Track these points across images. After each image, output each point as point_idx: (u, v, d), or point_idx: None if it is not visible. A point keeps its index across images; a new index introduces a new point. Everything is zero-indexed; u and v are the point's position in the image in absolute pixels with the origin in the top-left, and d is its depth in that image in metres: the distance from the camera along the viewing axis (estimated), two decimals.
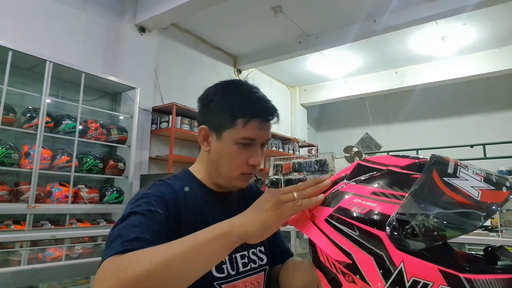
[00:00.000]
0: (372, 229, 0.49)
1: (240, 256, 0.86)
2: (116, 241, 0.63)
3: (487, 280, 0.45)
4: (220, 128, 0.81)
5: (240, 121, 0.79)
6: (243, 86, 0.85)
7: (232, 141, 0.80)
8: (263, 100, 0.84)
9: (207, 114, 0.84)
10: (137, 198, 0.75)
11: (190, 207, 0.80)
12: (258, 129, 0.80)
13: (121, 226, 0.67)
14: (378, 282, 0.48)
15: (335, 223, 0.52)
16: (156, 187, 0.79)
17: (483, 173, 0.52)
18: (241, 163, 0.81)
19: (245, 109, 0.79)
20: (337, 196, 0.55)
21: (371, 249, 0.48)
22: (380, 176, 0.55)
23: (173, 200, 0.77)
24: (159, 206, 0.73)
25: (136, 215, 0.69)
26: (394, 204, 0.49)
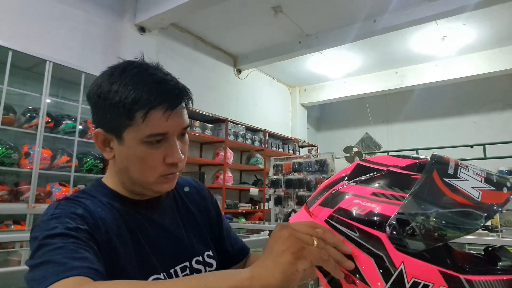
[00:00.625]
0: (372, 230, 0.49)
1: (181, 268, 0.72)
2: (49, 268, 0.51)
3: (488, 281, 0.45)
4: (117, 128, 0.65)
5: (139, 115, 0.63)
6: (133, 70, 0.66)
7: (137, 142, 0.64)
8: (164, 82, 0.66)
9: (99, 114, 0.68)
10: (44, 222, 0.59)
11: (112, 225, 0.65)
12: (165, 119, 0.64)
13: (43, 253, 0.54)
14: (378, 282, 0.47)
15: (335, 223, 0.52)
16: (63, 206, 0.63)
17: (484, 173, 0.52)
18: (155, 165, 0.66)
19: (140, 99, 0.62)
20: (337, 196, 0.55)
21: (371, 250, 0.48)
22: (380, 177, 0.54)
23: (88, 217, 0.62)
24: (77, 222, 0.59)
25: (55, 238, 0.55)
26: (394, 205, 0.49)
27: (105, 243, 0.62)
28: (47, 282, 0.49)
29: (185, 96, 0.69)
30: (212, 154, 4.95)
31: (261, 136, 5.56)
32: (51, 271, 0.50)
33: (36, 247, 0.56)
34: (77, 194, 0.69)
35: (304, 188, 4.24)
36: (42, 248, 0.55)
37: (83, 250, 0.55)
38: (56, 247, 0.54)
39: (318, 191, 0.61)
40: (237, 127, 5.11)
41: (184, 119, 0.69)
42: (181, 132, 0.69)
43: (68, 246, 0.54)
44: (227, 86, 5.49)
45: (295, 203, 4.27)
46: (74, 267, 0.51)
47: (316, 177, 4.20)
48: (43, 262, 0.52)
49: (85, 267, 0.52)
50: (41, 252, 0.54)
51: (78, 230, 0.58)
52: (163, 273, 0.69)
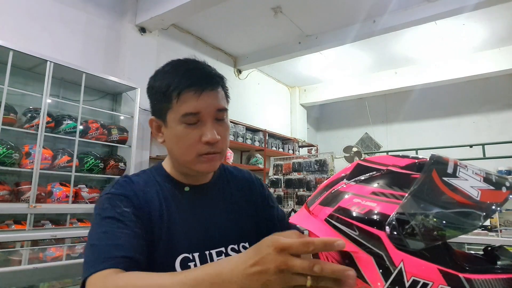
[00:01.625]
0: (372, 228, 0.49)
1: (216, 252, 0.77)
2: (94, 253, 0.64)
3: (487, 280, 0.45)
4: (162, 113, 0.75)
5: (174, 96, 0.72)
6: (173, 63, 0.79)
7: (176, 122, 0.73)
8: (197, 69, 0.75)
9: (151, 103, 0.79)
10: (101, 201, 0.73)
11: (155, 203, 0.75)
12: (196, 99, 0.71)
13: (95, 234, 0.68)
14: (378, 281, 0.47)
15: (335, 223, 0.52)
16: (118, 185, 0.75)
17: (483, 173, 0.52)
18: (193, 143, 0.73)
19: (174, 81, 0.72)
20: (337, 196, 0.55)
21: (371, 249, 0.48)
22: (379, 176, 0.55)
23: (135, 198, 0.73)
24: (124, 204, 0.71)
25: (106, 220, 0.68)
26: (393, 204, 0.49)
27: (146, 221, 0.72)
28: (88, 272, 0.60)
29: (217, 81, 0.75)
30: None
31: (261, 136, 5.57)
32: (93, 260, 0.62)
33: (94, 220, 0.71)
34: (137, 173, 0.82)
35: (304, 188, 4.25)
36: (94, 228, 0.69)
37: (124, 235, 0.66)
38: (103, 231, 0.67)
39: (318, 190, 0.62)
40: (237, 127, 5.12)
41: (217, 101, 0.74)
42: (216, 116, 0.75)
43: (113, 231, 0.66)
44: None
45: (295, 203, 4.28)
46: (110, 257, 0.61)
47: (315, 177, 4.21)
48: (92, 245, 0.65)
49: (119, 257, 0.62)
50: (93, 231, 0.68)
51: (124, 213, 0.69)
52: (193, 254, 0.75)
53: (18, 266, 1.48)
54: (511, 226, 3.32)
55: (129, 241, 0.65)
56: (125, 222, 0.68)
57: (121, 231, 0.66)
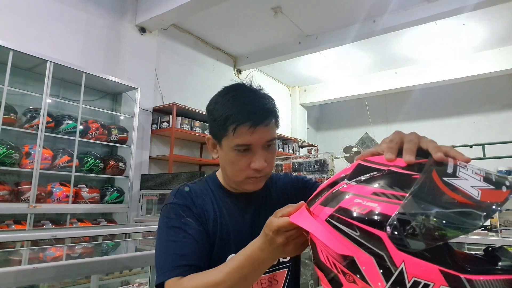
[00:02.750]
0: (373, 229, 0.48)
1: None
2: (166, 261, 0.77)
3: (488, 281, 0.45)
4: (218, 136, 0.84)
5: (230, 128, 0.79)
6: (234, 91, 0.84)
7: (230, 148, 0.81)
8: (253, 104, 0.81)
9: (210, 123, 0.87)
10: (167, 209, 0.84)
11: (209, 210, 0.86)
12: (249, 134, 0.79)
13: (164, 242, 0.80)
14: (379, 282, 0.47)
15: (336, 223, 0.52)
16: (179, 195, 0.87)
17: (483, 172, 0.52)
18: (242, 168, 0.82)
19: (232, 116, 0.79)
20: (337, 196, 0.55)
21: (372, 249, 0.48)
22: (380, 176, 0.54)
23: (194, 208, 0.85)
24: (187, 214, 0.83)
25: (173, 229, 0.81)
26: (394, 205, 0.49)
27: (204, 227, 0.84)
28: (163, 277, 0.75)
29: (270, 115, 0.82)
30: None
31: None
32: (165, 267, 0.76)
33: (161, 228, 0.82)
34: (194, 182, 0.93)
35: None
36: (164, 233, 0.81)
37: (188, 245, 0.78)
38: (172, 241, 0.79)
39: (319, 190, 0.62)
40: None
41: (268, 133, 0.82)
42: (266, 144, 0.83)
43: (179, 241, 0.79)
44: None
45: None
46: (178, 266, 0.75)
47: (316, 177, 4.21)
48: (163, 253, 0.79)
49: (185, 265, 0.75)
50: (162, 238, 0.81)
51: (188, 223, 0.81)
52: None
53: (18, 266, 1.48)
54: (511, 226, 3.32)
55: (192, 250, 0.78)
56: (188, 231, 0.80)
57: (185, 240, 0.79)
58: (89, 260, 1.51)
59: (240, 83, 0.87)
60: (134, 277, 2.43)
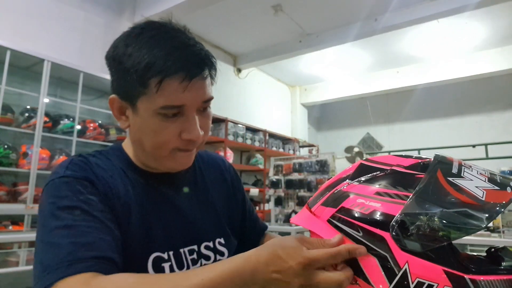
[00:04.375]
0: (376, 229, 0.48)
1: (189, 251, 0.67)
2: (55, 254, 0.50)
3: (492, 281, 0.45)
4: (131, 96, 0.60)
5: (152, 83, 0.56)
6: (151, 31, 0.60)
7: (151, 113, 0.59)
8: (184, 47, 0.59)
9: (114, 78, 0.63)
10: (55, 185, 0.58)
11: (120, 193, 0.62)
12: (181, 90, 0.57)
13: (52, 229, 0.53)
14: (382, 283, 0.47)
15: (338, 223, 0.52)
16: (75, 166, 0.60)
17: (487, 173, 0.52)
18: (169, 140, 0.61)
19: (154, 64, 0.56)
20: (340, 196, 0.54)
21: (375, 250, 0.48)
22: (383, 176, 0.54)
23: (98, 183, 0.60)
24: (89, 191, 0.58)
25: (65, 210, 0.54)
26: (398, 204, 0.49)
27: (115, 212, 0.59)
28: (51, 278, 0.47)
29: (207, 65, 0.62)
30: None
31: (261, 136, 5.54)
32: (55, 262, 0.49)
33: (45, 214, 0.55)
34: (91, 153, 0.66)
35: (304, 189, 4.22)
36: (50, 220, 0.53)
37: (92, 230, 0.53)
38: (65, 225, 0.52)
39: (320, 191, 0.61)
40: (237, 127, 5.09)
41: (205, 91, 0.62)
42: (201, 106, 0.63)
43: (78, 225, 0.52)
44: (227, 86, 5.46)
45: (295, 204, 4.25)
46: (79, 259, 0.49)
47: (316, 177, 4.18)
48: (50, 244, 0.51)
49: (91, 258, 0.50)
50: (48, 225, 0.53)
51: (89, 202, 0.56)
52: (168, 252, 0.64)
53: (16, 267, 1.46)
54: None
55: (100, 237, 0.52)
56: (92, 213, 0.55)
57: (88, 224, 0.53)
58: None
59: (158, 20, 0.63)
60: None
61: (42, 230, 0.54)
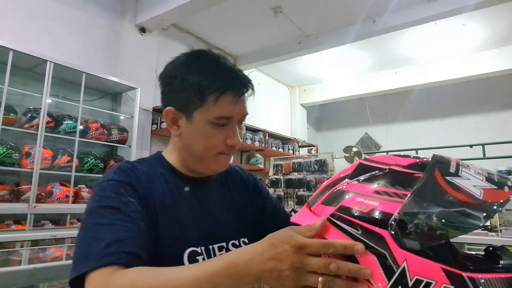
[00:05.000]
0: (375, 228, 0.48)
1: (218, 247, 0.76)
2: (93, 247, 0.58)
3: (490, 279, 0.45)
4: (188, 108, 0.72)
5: (211, 98, 0.70)
6: (208, 57, 0.74)
7: (205, 122, 0.71)
8: (234, 71, 0.74)
9: (172, 94, 0.75)
10: (103, 187, 0.68)
11: (159, 194, 0.72)
12: (232, 104, 0.71)
13: (93, 225, 0.62)
14: (381, 281, 0.47)
15: (338, 222, 0.52)
16: (121, 171, 0.71)
17: (485, 172, 0.53)
18: (217, 144, 0.73)
19: (215, 83, 0.70)
20: (339, 195, 0.55)
21: (374, 248, 0.48)
22: (382, 175, 0.54)
23: (140, 187, 0.70)
24: (130, 194, 0.67)
25: (107, 209, 0.63)
26: (396, 203, 0.49)
27: (151, 213, 0.69)
28: (86, 267, 0.56)
29: (251, 87, 0.76)
30: None
31: (261, 136, 5.56)
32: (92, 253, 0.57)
33: (92, 209, 0.65)
34: (137, 160, 0.78)
35: (304, 188, 4.24)
36: (94, 215, 0.63)
37: (126, 228, 0.61)
38: (104, 223, 0.61)
39: (320, 190, 0.61)
40: None
41: (245, 107, 0.76)
42: (242, 119, 0.77)
43: (114, 224, 0.61)
44: None
45: (295, 203, 4.28)
46: (111, 253, 0.57)
47: (316, 177, 4.21)
48: (90, 237, 0.60)
49: (120, 252, 0.57)
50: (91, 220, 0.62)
51: (129, 204, 0.65)
52: (201, 247, 0.73)
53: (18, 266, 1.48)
54: (511, 226, 3.32)
55: (132, 236, 0.61)
56: (129, 214, 0.64)
57: (124, 224, 0.62)
58: None
59: (203, 49, 0.77)
60: None
61: (85, 224, 0.63)
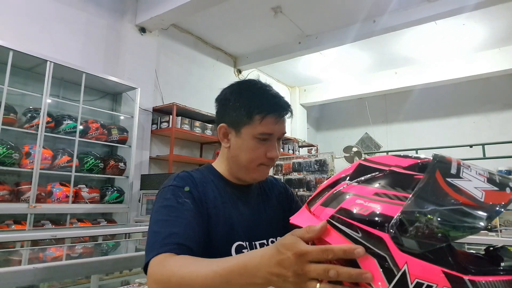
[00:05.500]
0: (375, 230, 0.48)
1: (259, 244, 0.92)
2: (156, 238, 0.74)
3: (491, 282, 0.45)
4: (238, 124, 0.88)
5: (257, 117, 0.85)
6: (257, 85, 0.92)
7: (251, 136, 0.87)
8: (277, 97, 0.91)
9: (226, 113, 0.91)
10: (165, 191, 0.84)
11: (210, 197, 0.88)
12: (274, 124, 0.87)
13: (157, 221, 0.78)
14: (381, 284, 0.47)
15: (337, 224, 0.51)
16: (179, 178, 0.88)
17: (486, 173, 0.52)
18: (259, 156, 0.88)
19: (261, 105, 0.86)
20: (338, 196, 0.55)
21: (374, 251, 0.48)
22: (382, 177, 0.54)
23: (195, 191, 0.85)
24: (185, 196, 0.83)
25: (167, 208, 0.80)
26: (397, 205, 0.49)
27: (204, 212, 0.84)
28: (151, 254, 0.71)
29: (290, 111, 0.92)
30: (212, 154, 4.95)
31: None
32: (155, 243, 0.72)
33: (155, 208, 0.82)
34: (192, 170, 0.93)
35: (304, 188, 4.25)
36: (156, 213, 0.80)
37: (180, 224, 0.76)
38: (164, 220, 0.77)
39: (319, 190, 0.61)
40: None
41: (284, 126, 0.92)
42: (280, 136, 0.91)
43: (171, 220, 0.77)
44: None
45: None
46: (167, 243, 0.72)
47: (315, 177, 4.21)
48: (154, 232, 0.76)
49: (174, 243, 0.72)
50: (156, 216, 0.79)
51: (184, 204, 0.81)
52: (245, 242, 0.88)
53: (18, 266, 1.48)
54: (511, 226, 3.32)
55: (184, 230, 0.76)
56: (183, 211, 0.79)
57: (178, 220, 0.77)
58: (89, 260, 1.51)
59: (253, 79, 0.95)
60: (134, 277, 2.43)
61: (151, 221, 0.80)
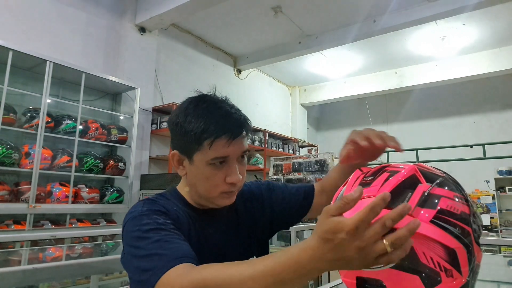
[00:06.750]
0: (466, 226, 0.58)
1: None
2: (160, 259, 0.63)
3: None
4: (189, 151, 0.79)
5: (206, 142, 0.76)
6: (203, 104, 0.80)
7: (204, 163, 0.78)
8: (227, 116, 0.79)
9: (176, 138, 0.82)
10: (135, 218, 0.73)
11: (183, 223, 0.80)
12: (227, 146, 0.77)
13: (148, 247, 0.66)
14: (466, 270, 0.56)
15: (441, 223, 0.58)
16: (148, 205, 0.78)
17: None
18: (218, 183, 0.79)
19: (208, 129, 0.76)
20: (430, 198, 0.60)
21: (466, 243, 0.57)
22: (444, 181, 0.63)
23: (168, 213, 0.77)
24: (163, 218, 0.74)
25: (150, 232, 0.69)
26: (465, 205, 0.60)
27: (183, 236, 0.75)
28: (159, 273, 0.60)
29: (245, 127, 0.81)
30: None
31: (261, 136, 5.56)
32: (159, 263, 0.62)
33: (134, 238, 0.69)
34: (156, 196, 0.85)
35: None
36: (141, 241, 0.68)
37: (175, 240, 0.68)
38: (154, 241, 0.67)
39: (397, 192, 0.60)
40: None
41: (243, 145, 0.81)
42: (241, 156, 0.81)
43: (163, 238, 0.67)
44: (227, 86, 5.49)
45: None
46: (176, 257, 0.63)
47: (316, 177, 4.21)
48: (148, 255, 0.65)
49: (185, 256, 0.64)
50: (142, 244, 0.67)
51: (166, 224, 0.72)
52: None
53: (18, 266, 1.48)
54: (511, 226, 3.32)
55: (181, 245, 0.68)
56: (171, 230, 0.70)
57: (170, 238, 0.68)
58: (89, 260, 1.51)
59: (207, 94, 0.85)
60: None
61: (134, 250, 0.69)
